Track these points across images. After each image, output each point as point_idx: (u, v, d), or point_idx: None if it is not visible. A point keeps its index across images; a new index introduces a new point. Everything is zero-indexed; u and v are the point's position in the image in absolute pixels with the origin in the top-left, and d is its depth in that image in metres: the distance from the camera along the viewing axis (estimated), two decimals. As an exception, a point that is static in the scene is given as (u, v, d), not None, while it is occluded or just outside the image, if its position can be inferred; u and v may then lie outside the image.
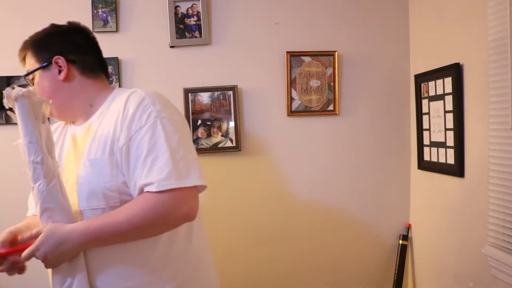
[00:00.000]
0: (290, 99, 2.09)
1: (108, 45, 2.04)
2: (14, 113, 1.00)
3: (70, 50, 1.10)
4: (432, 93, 1.90)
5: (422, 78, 1.98)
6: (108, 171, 0.99)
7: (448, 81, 1.75)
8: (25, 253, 0.97)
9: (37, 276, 2.07)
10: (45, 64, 1.08)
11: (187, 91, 2.05)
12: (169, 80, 2.06)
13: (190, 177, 0.96)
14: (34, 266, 2.15)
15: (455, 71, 1.69)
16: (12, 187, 2.07)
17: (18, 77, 2.04)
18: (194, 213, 0.98)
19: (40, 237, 0.95)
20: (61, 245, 0.95)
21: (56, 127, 1.20)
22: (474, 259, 1.63)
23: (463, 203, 1.71)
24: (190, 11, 2.06)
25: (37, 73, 1.09)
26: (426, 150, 1.98)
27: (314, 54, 2.09)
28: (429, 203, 1.98)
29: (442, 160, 1.83)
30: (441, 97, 1.82)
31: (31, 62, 1.10)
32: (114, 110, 1.03)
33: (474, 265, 1.63)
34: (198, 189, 1.00)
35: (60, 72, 1.08)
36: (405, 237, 2.11)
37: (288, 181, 2.12)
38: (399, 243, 2.11)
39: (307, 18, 2.11)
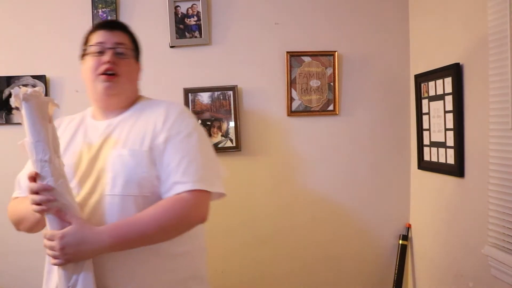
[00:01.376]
0: (290, 99, 2.09)
1: (108, 45, 2.05)
2: (20, 112, 1.02)
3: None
4: (432, 93, 1.90)
5: (422, 78, 1.98)
6: (145, 163, 1.08)
7: (448, 81, 1.75)
8: (48, 233, 0.99)
9: (37, 277, 2.07)
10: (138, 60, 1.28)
11: (187, 91, 2.05)
12: (169, 80, 2.06)
13: (215, 183, 1.12)
14: (34, 266, 2.14)
15: (455, 71, 1.69)
16: (12, 187, 2.07)
17: (18, 77, 2.04)
18: (207, 217, 1.12)
19: (69, 228, 0.98)
20: (84, 244, 0.98)
21: (72, 119, 1.28)
22: (474, 259, 1.63)
23: (463, 203, 1.71)
24: (190, 11, 2.06)
25: (130, 56, 1.23)
26: (426, 150, 1.98)
27: (314, 54, 2.09)
28: (429, 203, 1.98)
29: (442, 160, 1.83)
30: (441, 97, 1.82)
31: (130, 45, 1.24)
32: (151, 113, 1.17)
33: (474, 265, 1.63)
34: (213, 197, 1.14)
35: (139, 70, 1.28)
36: (405, 237, 2.11)
37: (288, 181, 2.12)
38: (399, 243, 2.11)
39: (307, 18, 2.11)
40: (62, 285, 0.99)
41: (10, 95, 2.04)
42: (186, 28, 2.06)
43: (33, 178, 0.99)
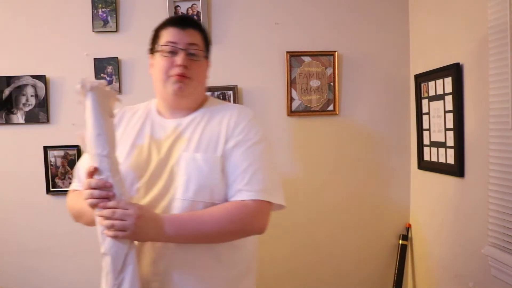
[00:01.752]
0: (290, 99, 2.09)
1: (108, 45, 2.06)
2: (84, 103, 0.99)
3: None
4: (432, 93, 1.90)
5: (422, 78, 1.98)
6: (218, 169, 1.08)
7: (448, 81, 1.75)
8: (123, 201, 0.97)
9: (37, 277, 2.07)
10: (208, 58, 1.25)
11: (187, 91, 2.05)
12: (169, 80, 2.06)
13: (278, 195, 1.11)
14: (34, 266, 2.14)
15: (455, 71, 1.69)
16: (12, 187, 2.07)
17: (18, 77, 2.04)
18: (266, 228, 1.11)
19: (142, 205, 1.01)
20: (152, 223, 0.98)
21: (136, 110, 1.24)
22: (474, 259, 1.63)
23: (463, 203, 1.71)
24: (190, 11, 2.06)
25: (202, 57, 1.19)
26: (426, 150, 1.98)
27: (314, 54, 2.09)
28: (429, 203, 1.98)
29: (442, 160, 1.83)
30: (441, 97, 1.82)
31: (202, 44, 1.19)
32: (223, 117, 1.16)
33: (474, 265, 1.63)
34: (273, 207, 1.13)
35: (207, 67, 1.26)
36: (405, 237, 2.11)
37: (287, 180, 2.12)
38: (399, 243, 2.11)
39: (307, 18, 2.11)
40: (108, 283, 0.97)
41: (10, 95, 2.04)
42: (186, 28, 2.06)
43: (91, 173, 0.97)
